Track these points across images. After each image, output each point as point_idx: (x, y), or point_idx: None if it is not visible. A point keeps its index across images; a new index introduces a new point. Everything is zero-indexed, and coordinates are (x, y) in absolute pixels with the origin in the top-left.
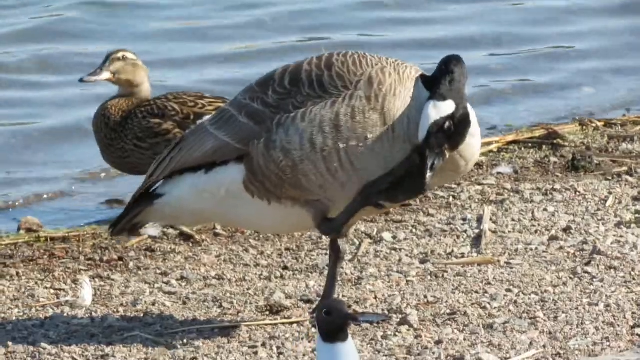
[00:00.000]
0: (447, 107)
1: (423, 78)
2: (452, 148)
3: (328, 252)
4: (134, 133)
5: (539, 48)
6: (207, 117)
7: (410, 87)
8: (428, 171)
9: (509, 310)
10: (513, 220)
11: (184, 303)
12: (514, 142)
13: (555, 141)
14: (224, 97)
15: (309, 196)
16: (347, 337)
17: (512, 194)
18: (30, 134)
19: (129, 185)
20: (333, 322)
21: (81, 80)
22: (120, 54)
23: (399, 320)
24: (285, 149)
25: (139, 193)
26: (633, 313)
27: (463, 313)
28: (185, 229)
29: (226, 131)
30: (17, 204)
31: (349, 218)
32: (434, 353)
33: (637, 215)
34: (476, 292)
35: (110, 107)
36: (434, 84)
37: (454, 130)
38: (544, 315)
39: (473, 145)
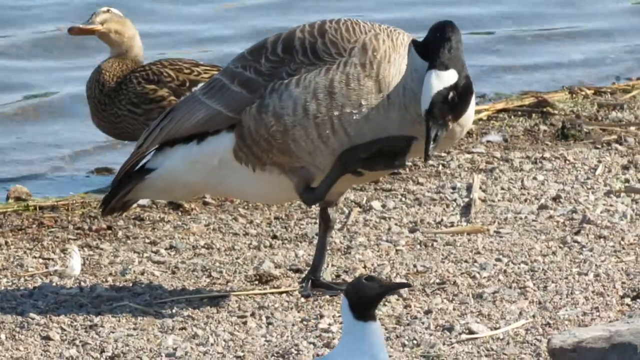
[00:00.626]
0: (449, 77)
1: (415, 45)
2: (455, 118)
3: (317, 221)
4: (128, 98)
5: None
6: (198, 86)
7: (403, 53)
8: (432, 142)
9: (499, 280)
10: (502, 189)
11: (173, 272)
12: (504, 110)
13: (544, 109)
14: (218, 65)
15: (295, 162)
16: (376, 317)
17: (501, 162)
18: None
19: (119, 154)
20: (371, 289)
21: (70, 30)
22: (105, 8)
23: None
24: (278, 114)
25: (128, 166)
26: (622, 283)
27: (452, 282)
28: None
29: (218, 100)
30: (6, 172)
31: (331, 186)
32: (423, 323)
33: (626, 184)
34: (465, 261)
35: (104, 72)
36: (432, 51)
37: (457, 100)
38: (534, 284)
39: (469, 111)
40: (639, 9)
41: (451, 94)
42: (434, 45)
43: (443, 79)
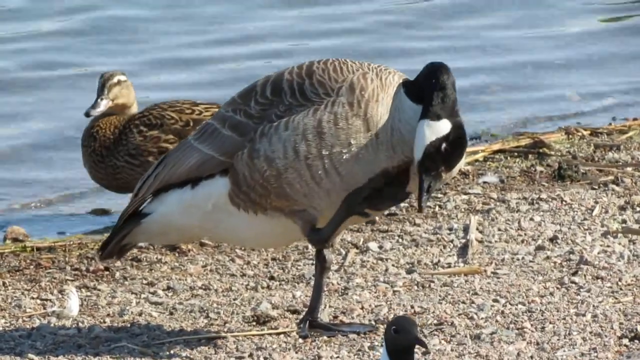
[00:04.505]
0: (442, 127)
1: (405, 85)
2: (448, 169)
3: (314, 262)
4: (127, 149)
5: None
6: (191, 133)
7: (392, 93)
8: (424, 193)
9: (496, 321)
10: (499, 229)
11: (171, 313)
12: (500, 151)
13: (541, 150)
14: (218, 103)
15: (295, 206)
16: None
17: (498, 203)
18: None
19: (116, 195)
20: (400, 341)
21: (87, 115)
22: (115, 79)
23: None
24: (269, 158)
25: (126, 214)
26: (620, 323)
27: (450, 323)
28: None
29: (210, 144)
30: (2, 213)
31: (337, 227)
32: None
33: (623, 225)
34: (463, 302)
35: (100, 125)
36: (425, 98)
37: (450, 151)
38: (531, 325)
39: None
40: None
41: (444, 146)
42: (427, 91)
43: (435, 130)
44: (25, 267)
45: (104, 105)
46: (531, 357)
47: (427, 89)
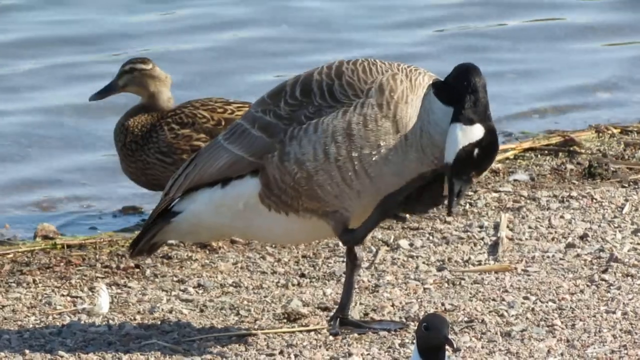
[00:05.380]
0: (475, 132)
1: (435, 87)
2: (478, 174)
3: (345, 260)
4: (158, 147)
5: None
6: (221, 132)
7: (422, 94)
8: (455, 197)
9: (527, 318)
10: (530, 227)
11: (201, 311)
12: (530, 149)
13: (571, 148)
14: (249, 102)
15: (326, 207)
16: (444, 358)
17: (528, 201)
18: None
19: (146, 193)
20: (430, 339)
21: (91, 99)
22: (128, 67)
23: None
24: (300, 160)
25: (157, 213)
26: None
27: (480, 321)
28: None
29: (240, 145)
30: (33, 210)
31: (371, 229)
32: None
33: None
34: (493, 299)
35: (130, 120)
36: (457, 101)
37: (482, 156)
38: (562, 323)
39: None
40: None
41: (476, 151)
42: (459, 94)
43: (468, 135)
44: (56, 265)
45: (110, 94)
46: (561, 354)
47: (458, 91)
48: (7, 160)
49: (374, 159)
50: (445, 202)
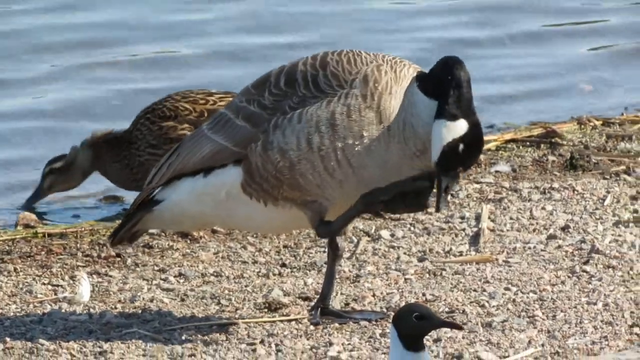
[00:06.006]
0: (459, 127)
1: (419, 80)
2: (465, 169)
3: (326, 250)
4: (147, 141)
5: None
6: (205, 122)
7: (406, 86)
8: (442, 193)
9: (508, 309)
10: (511, 218)
11: (182, 300)
12: (512, 140)
13: (553, 140)
14: (232, 92)
15: (307, 196)
16: (424, 346)
17: (510, 192)
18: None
19: None
20: (424, 328)
21: (23, 209)
22: (47, 169)
23: None
24: (283, 149)
25: (139, 201)
26: (631, 312)
27: (461, 311)
28: None
29: (224, 135)
30: (14, 199)
31: (347, 223)
32: (432, 351)
33: (635, 215)
34: (474, 290)
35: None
36: (441, 96)
37: (467, 152)
38: (543, 313)
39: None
40: None
41: (461, 146)
42: (442, 88)
43: (452, 131)
44: (37, 253)
45: (37, 197)
46: (542, 345)
47: (442, 85)
48: None
49: (356, 149)
50: (428, 200)
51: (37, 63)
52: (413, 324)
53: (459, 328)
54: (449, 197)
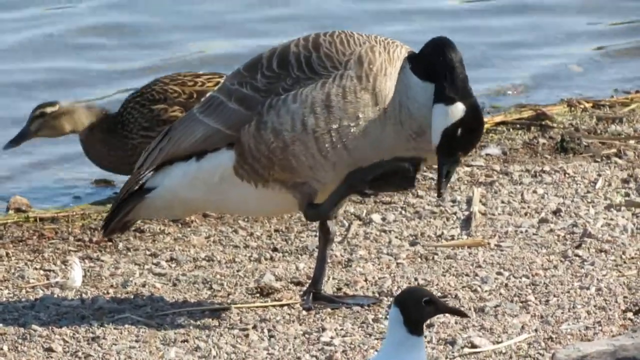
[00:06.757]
0: (456, 111)
1: (411, 61)
2: (465, 152)
3: (317, 234)
4: (139, 124)
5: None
6: (195, 105)
7: (399, 67)
8: (443, 178)
9: (500, 294)
10: (502, 202)
11: (174, 285)
12: (502, 123)
13: (543, 122)
14: (220, 72)
15: (297, 178)
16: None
17: (501, 175)
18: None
19: None
20: (431, 313)
21: (5, 148)
22: (38, 112)
23: (389, 303)
24: (277, 130)
25: (129, 186)
26: (624, 297)
27: (454, 296)
28: None
29: (216, 118)
30: (5, 183)
31: (335, 204)
32: (425, 337)
33: (626, 198)
34: (467, 274)
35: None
36: (432, 75)
37: (467, 135)
38: (535, 298)
39: None
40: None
41: (459, 131)
42: (436, 71)
43: (450, 115)
44: (28, 238)
45: (21, 138)
46: (535, 330)
47: (435, 67)
48: None
49: (352, 130)
50: (413, 180)
51: None
52: (421, 309)
53: (464, 315)
54: (449, 182)
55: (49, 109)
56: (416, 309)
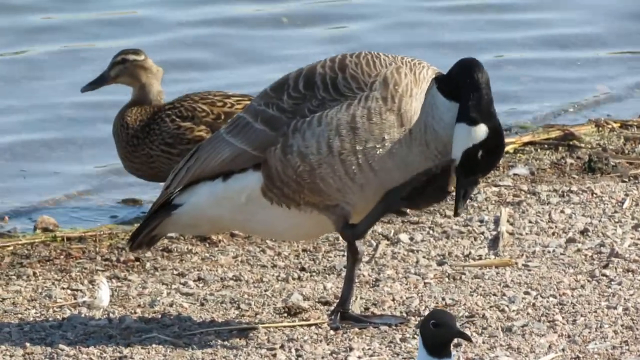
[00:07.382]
0: (479, 133)
1: (438, 81)
2: (484, 174)
3: (345, 254)
4: (162, 138)
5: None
6: (223, 126)
7: (426, 88)
8: (461, 198)
9: (528, 313)
10: (530, 222)
11: (202, 304)
12: (530, 143)
13: (571, 142)
14: (249, 94)
15: (328, 201)
16: (451, 353)
17: (528, 195)
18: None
19: (145, 184)
20: (440, 336)
21: (83, 91)
22: (119, 57)
23: (417, 322)
24: (303, 153)
25: (157, 205)
26: None
27: (481, 316)
28: None
29: (242, 139)
30: (33, 203)
31: (372, 225)
32: (452, 356)
33: None
34: (494, 294)
35: (127, 116)
36: (458, 95)
37: (487, 157)
38: (563, 318)
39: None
40: None
41: (480, 152)
42: (461, 91)
43: (472, 136)
44: (56, 257)
45: (100, 82)
46: (562, 349)
47: (461, 87)
48: (7, 152)
49: (378, 152)
50: (450, 198)
51: None
52: (430, 332)
53: (468, 340)
54: (467, 201)
55: (131, 57)
56: (428, 331)
